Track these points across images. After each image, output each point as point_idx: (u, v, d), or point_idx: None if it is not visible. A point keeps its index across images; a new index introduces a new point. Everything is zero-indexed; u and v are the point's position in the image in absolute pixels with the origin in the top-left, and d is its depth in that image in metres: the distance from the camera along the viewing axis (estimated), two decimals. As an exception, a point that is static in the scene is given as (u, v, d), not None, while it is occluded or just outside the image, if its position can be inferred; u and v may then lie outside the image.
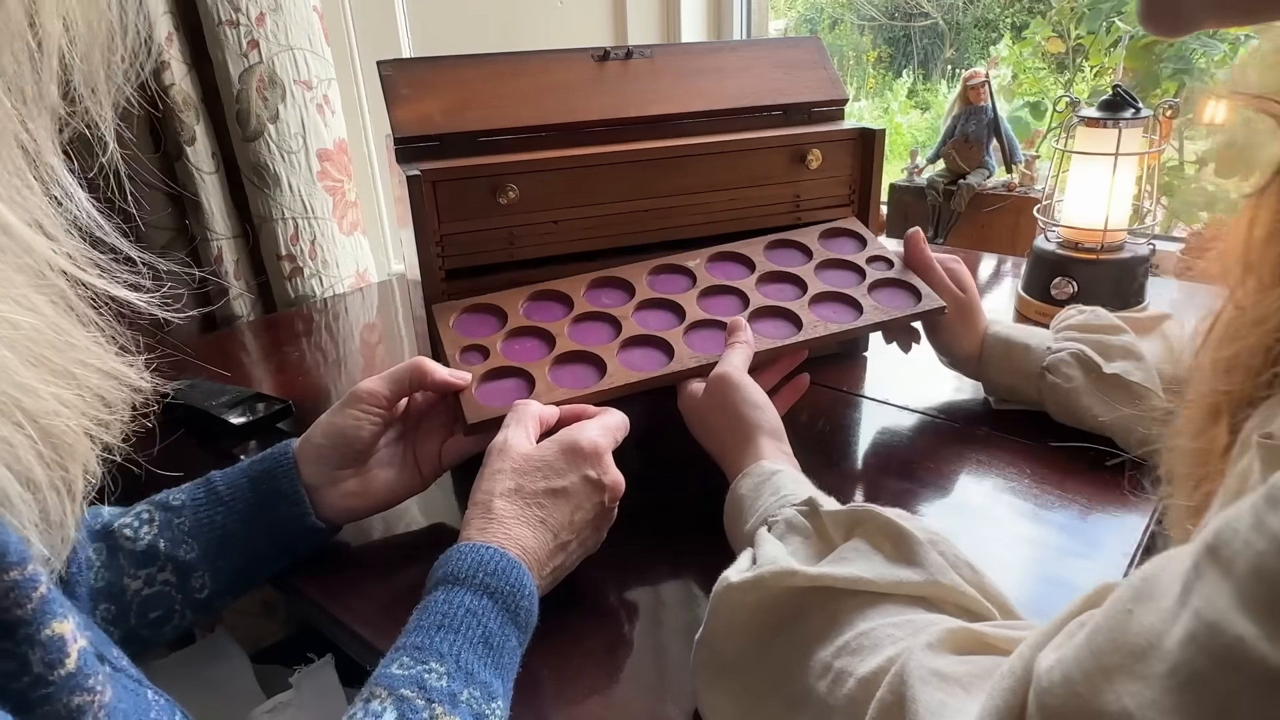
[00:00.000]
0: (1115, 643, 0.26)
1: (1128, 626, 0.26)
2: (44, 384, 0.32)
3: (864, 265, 0.77)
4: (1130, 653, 0.25)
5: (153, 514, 0.54)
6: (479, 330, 0.69)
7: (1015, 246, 1.38)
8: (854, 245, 0.81)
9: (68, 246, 0.34)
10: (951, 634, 0.37)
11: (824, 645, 0.41)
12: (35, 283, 0.33)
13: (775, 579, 0.43)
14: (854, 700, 0.38)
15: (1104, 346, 0.67)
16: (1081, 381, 0.67)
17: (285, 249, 1.13)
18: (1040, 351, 0.70)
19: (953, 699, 0.34)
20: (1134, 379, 0.65)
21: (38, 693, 0.29)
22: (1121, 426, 0.65)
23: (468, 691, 0.40)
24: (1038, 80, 1.82)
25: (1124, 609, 0.26)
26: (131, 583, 0.52)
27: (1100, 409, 0.66)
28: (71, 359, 0.34)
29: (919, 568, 0.42)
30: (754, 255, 0.78)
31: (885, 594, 0.42)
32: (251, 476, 0.56)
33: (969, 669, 0.35)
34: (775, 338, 0.69)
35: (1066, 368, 0.68)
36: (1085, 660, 0.27)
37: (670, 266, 0.76)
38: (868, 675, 0.38)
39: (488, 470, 0.52)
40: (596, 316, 0.71)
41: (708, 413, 0.62)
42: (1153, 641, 0.25)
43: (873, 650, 0.39)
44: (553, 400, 0.61)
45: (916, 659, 0.36)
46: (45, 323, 0.33)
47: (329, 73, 1.14)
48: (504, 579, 0.45)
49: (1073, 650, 0.27)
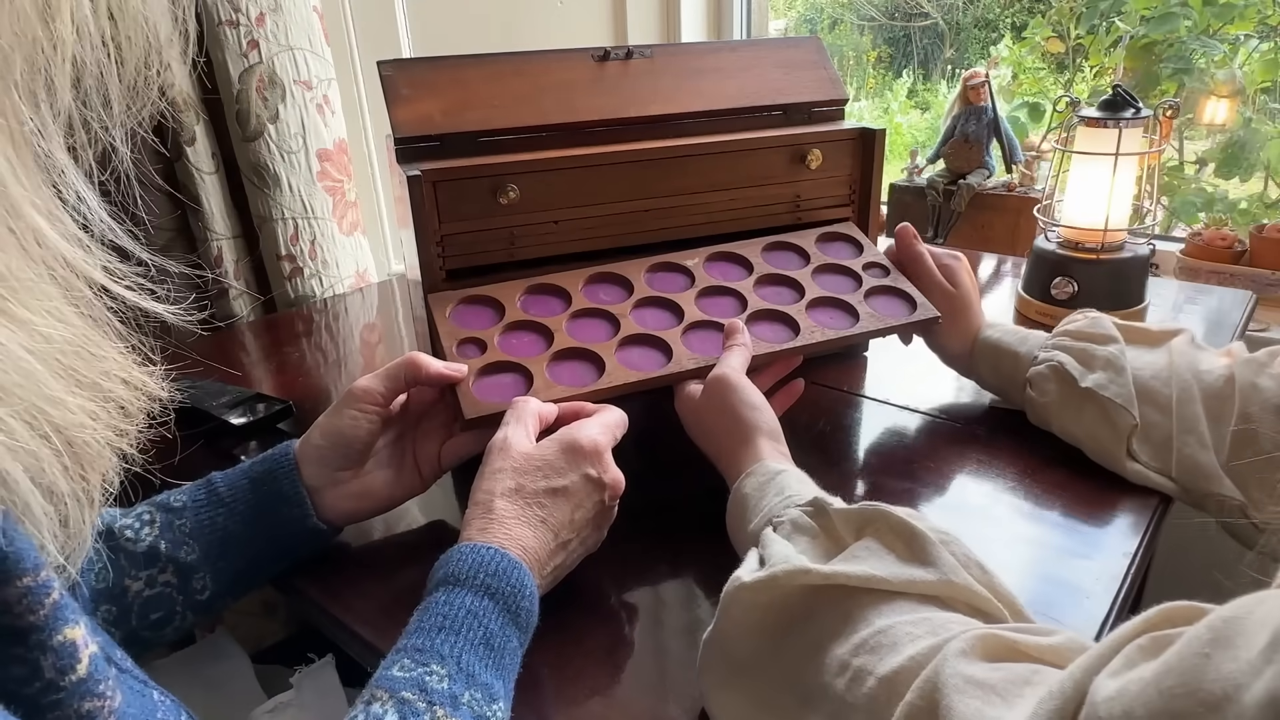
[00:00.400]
0: (1188, 688, 0.25)
1: (1203, 672, 0.25)
2: (72, 396, 0.32)
3: (860, 271, 0.77)
4: (1202, 701, 0.24)
5: (153, 515, 0.54)
6: (476, 322, 0.69)
7: (1015, 246, 1.38)
8: (851, 250, 0.81)
9: (99, 256, 0.34)
10: (983, 640, 0.37)
11: (839, 642, 0.41)
12: (67, 294, 0.33)
13: (789, 578, 0.43)
14: (874, 699, 0.38)
15: (1087, 357, 0.67)
16: (1055, 396, 0.67)
17: (285, 249, 1.13)
18: (1026, 361, 0.70)
19: (990, 708, 0.33)
20: (1106, 394, 0.64)
21: (49, 698, 0.29)
22: (1093, 445, 0.65)
23: (469, 693, 0.40)
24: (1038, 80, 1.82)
25: (1201, 651, 0.25)
26: (133, 584, 0.52)
27: (1072, 423, 0.66)
28: (98, 370, 0.34)
29: (932, 567, 0.42)
30: (751, 256, 0.78)
31: (898, 592, 0.42)
32: (252, 478, 0.56)
33: (1005, 676, 0.35)
34: (772, 342, 0.69)
35: (1044, 381, 0.68)
36: (1152, 700, 0.25)
37: (668, 264, 0.76)
38: (889, 674, 0.38)
39: (488, 469, 0.52)
40: (595, 313, 0.71)
41: (706, 414, 0.61)
42: (1229, 694, 0.23)
43: (892, 649, 0.39)
44: (551, 397, 0.61)
45: (951, 666, 0.35)
46: (75, 334, 0.33)
47: (329, 73, 1.14)
48: (505, 580, 0.45)
49: (1138, 686, 0.26)
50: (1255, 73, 1.47)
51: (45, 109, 0.31)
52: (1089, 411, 0.65)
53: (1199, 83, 1.49)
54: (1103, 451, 0.65)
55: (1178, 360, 0.65)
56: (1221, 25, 1.46)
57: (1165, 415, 0.63)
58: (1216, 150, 1.53)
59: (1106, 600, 0.53)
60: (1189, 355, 0.65)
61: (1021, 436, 0.72)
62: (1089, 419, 0.65)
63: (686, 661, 0.50)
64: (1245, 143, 1.48)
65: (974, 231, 1.44)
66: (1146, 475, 0.63)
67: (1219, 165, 1.51)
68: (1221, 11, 1.44)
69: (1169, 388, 0.63)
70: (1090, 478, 0.65)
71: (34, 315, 0.31)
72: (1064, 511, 0.62)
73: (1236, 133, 1.49)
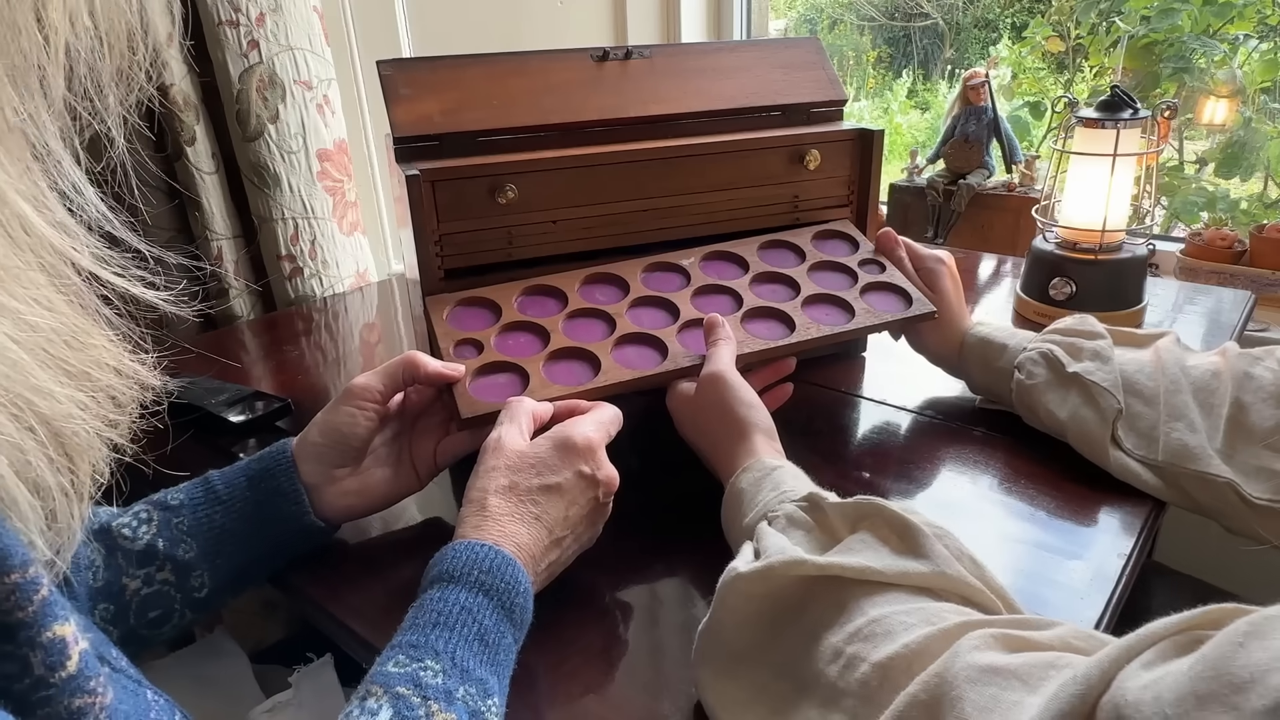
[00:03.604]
0: (1218, 671, 0.25)
1: (1234, 658, 0.25)
2: (60, 386, 0.32)
3: (856, 269, 0.78)
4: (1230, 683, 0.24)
5: (151, 514, 0.54)
6: (473, 323, 0.69)
7: (1015, 246, 1.38)
8: (847, 248, 0.81)
9: (87, 244, 0.34)
10: (997, 638, 0.37)
11: (833, 631, 0.42)
12: (55, 282, 0.33)
13: (785, 568, 0.44)
14: (867, 684, 0.39)
15: (1074, 348, 0.68)
16: (1044, 379, 0.68)
17: (285, 249, 1.13)
18: (1015, 350, 0.71)
19: (1008, 692, 0.33)
20: (1093, 378, 0.65)
21: (38, 695, 0.29)
22: (1075, 426, 0.66)
23: (463, 689, 0.41)
24: (1037, 80, 1.82)
25: (1236, 641, 0.26)
26: (130, 582, 0.52)
27: (1057, 406, 0.67)
28: (87, 359, 0.34)
29: (925, 559, 0.43)
30: (748, 255, 0.78)
31: (892, 584, 0.42)
32: (250, 475, 0.57)
33: (1026, 660, 0.35)
34: (768, 339, 0.69)
35: (1033, 365, 0.69)
36: (1182, 686, 0.26)
37: (664, 264, 0.77)
38: (883, 660, 0.39)
39: (482, 468, 0.52)
40: (591, 313, 0.71)
41: (700, 411, 0.62)
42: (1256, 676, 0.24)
43: (886, 637, 0.40)
44: (547, 396, 0.61)
45: (964, 660, 0.35)
46: (63, 322, 0.33)
47: (329, 73, 1.14)
48: (499, 576, 0.45)
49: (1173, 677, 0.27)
50: (1255, 72, 1.47)
51: (39, 98, 0.31)
52: (1074, 396, 0.66)
53: (1199, 82, 1.49)
54: (1087, 436, 0.65)
55: (1165, 357, 0.66)
56: (1221, 25, 1.46)
57: (1151, 406, 0.64)
58: (1216, 150, 1.53)
59: (1100, 601, 0.53)
60: (1175, 353, 0.66)
61: (1016, 437, 0.72)
62: (1074, 402, 0.66)
63: (681, 660, 0.50)
64: (1245, 143, 1.48)
65: (974, 232, 1.44)
66: (1128, 466, 0.63)
67: (1219, 165, 1.51)
68: (1221, 11, 1.44)
69: (1155, 381, 0.64)
70: (1084, 478, 0.65)
71: (19, 303, 0.31)
72: (1058, 511, 0.62)
73: (1236, 133, 1.49)
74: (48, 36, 0.31)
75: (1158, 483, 0.62)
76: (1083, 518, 0.62)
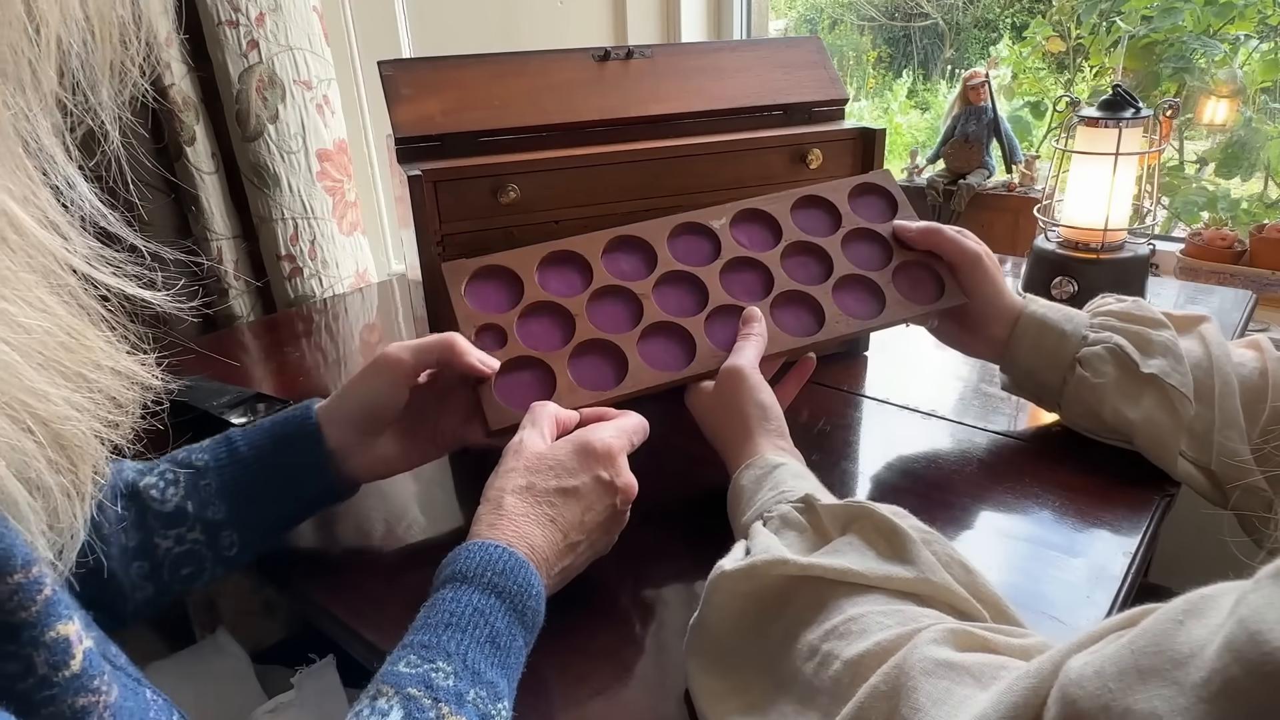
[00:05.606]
0: (1159, 647, 0.26)
1: (1174, 635, 0.26)
2: (56, 388, 0.32)
3: (890, 241, 0.73)
4: (1170, 659, 0.25)
5: (177, 475, 0.54)
6: (494, 301, 0.66)
7: (1015, 246, 1.38)
8: (883, 207, 0.76)
9: (80, 244, 0.34)
10: (954, 634, 0.37)
11: (811, 629, 0.42)
12: (48, 282, 0.32)
13: (768, 567, 0.45)
14: (839, 682, 0.39)
15: (1144, 341, 0.63)
16: (1113, 378, 0.64)
17: (285, 249, 1.13)
18: (1075, 340, 0.66)
19: (960, 686, 0.34)
20: (1171, 382, 0.61)
21: (42, 694, 0.29)
22: (1147, 430, 0.62)
23: (474, 691, 0.40)
24: (1038, 80, 1.82)
25: (1175, 619, 0.26)
26: (162, 542, 0.53)
27: (1129, 408, 0.63)
28: (83, 360, 0.34)
29: (910, 565, 0.43)
30: (780, 215, 0.74)
31: (875, 586, 0.43)
32: (275, 437, 0.57)
33: (978, 660, 0.36)
34: (794, 333, 0.68)
35: (1100, 363, 0.64)
36: (1124, 659, 0.26)
37: (692, 225, 0.72)
38: (854, 658, 0.39)
39: (501, 469, 0.52)
40: (615, 291, 0.68)
41: (715, 407, 0.62)
42: (1195, 651, 0.24)
43: (860, 635, 0.40)
44: (574, 404, 0.61)
45: (920, 652, 0.36)
46: (57, 324, 0.32)
47: (329, 73, 1.14)
48: (512, 579, 0.45)
49: (1112, 650, 0.27)
50: (1255, 72, 1.47)
51: (30, 93, 0.31)
52: (1148, 397, 0.62)
53: (1199, 82, 1.49)
54: (1156, 439, 0.62)
55: (1215, 351, 0.62)
56: (1221, 25, 1.46)
57: (1208, 407, 0.61)
58: (1217, 150, 1.53)
59: (1106, 600, 0.53)
60: (1223, 346, 0.63)
61: (1020, 436, 0.72)
62: (1147, 405, 0.62)
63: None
64: (1245, 142, 1.48)
65: (974, 231, 1.44)
66: (1191, 472, 0.61)
67: (1219, 165, 1.51)
68: (1221, 11, 1.44)
69: (1211, 378, 0.61)
70: (1090, 476, 0.65)
71: (11, 305, 0.30)
72: (1063, 511, 0.62)
73: (1237, 132, 1.49)
74: (38, 28, 0.30)
75: (1208, 486, 0.61)
76: (1088, 517, 0.62)
